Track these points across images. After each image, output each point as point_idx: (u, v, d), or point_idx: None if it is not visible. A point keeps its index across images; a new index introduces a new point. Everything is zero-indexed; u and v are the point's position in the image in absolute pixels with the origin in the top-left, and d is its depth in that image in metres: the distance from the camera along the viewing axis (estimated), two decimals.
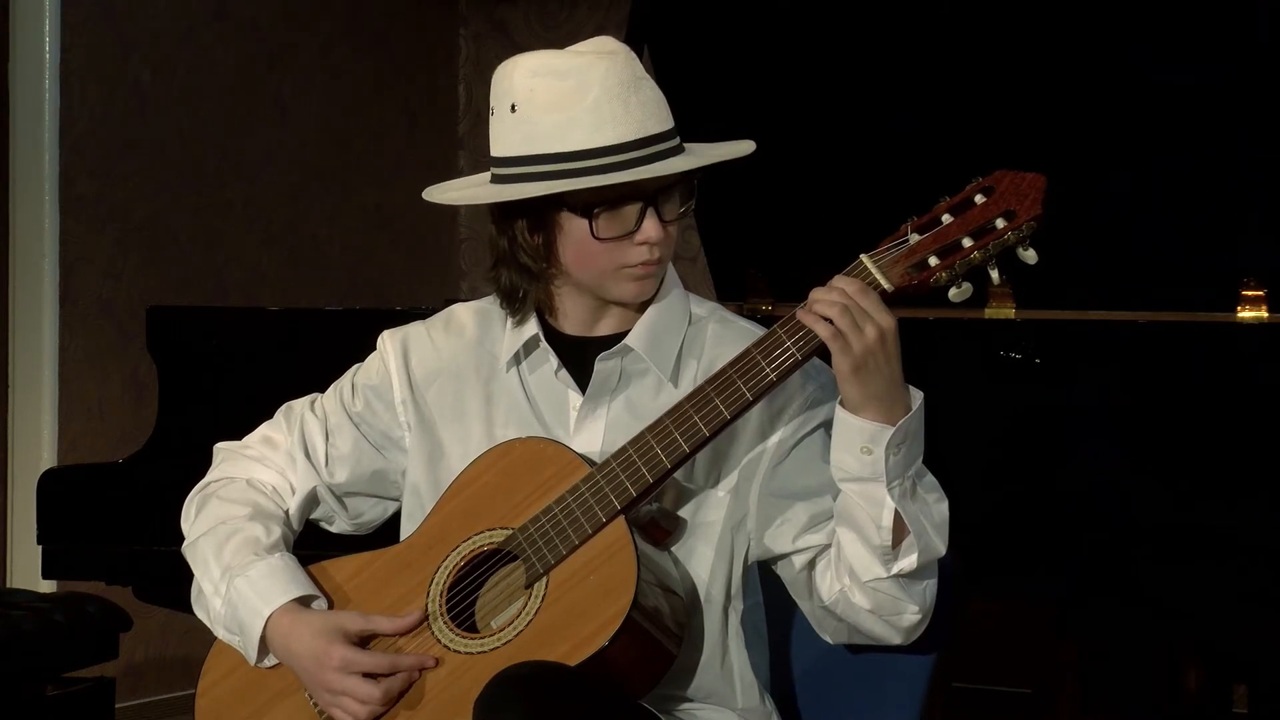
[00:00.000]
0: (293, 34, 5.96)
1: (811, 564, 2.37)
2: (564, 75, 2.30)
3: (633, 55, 2.35)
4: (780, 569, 2.42)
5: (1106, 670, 3.65)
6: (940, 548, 2.30)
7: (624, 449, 2.30)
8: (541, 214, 2.35)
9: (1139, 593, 3.24)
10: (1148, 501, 3.21)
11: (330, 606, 2.42)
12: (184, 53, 5.56)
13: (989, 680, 5.36)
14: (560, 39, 6.49)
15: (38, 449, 5.17)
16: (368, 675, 2.34)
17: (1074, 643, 3.99)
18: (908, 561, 2.28)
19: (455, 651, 2.33)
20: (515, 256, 2.38)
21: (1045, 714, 4.85)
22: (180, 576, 2.52)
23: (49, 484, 3.90)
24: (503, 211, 2.38)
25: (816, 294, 2.23)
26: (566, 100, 2.30)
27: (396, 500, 2.54)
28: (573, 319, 2.43)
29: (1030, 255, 2.22)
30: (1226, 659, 3.72)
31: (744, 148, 2.39)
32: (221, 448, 2.58)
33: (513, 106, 2.33)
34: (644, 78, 2.33)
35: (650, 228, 2.34)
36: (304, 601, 2.41)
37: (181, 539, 2.52)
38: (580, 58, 2.32)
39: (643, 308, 2.41)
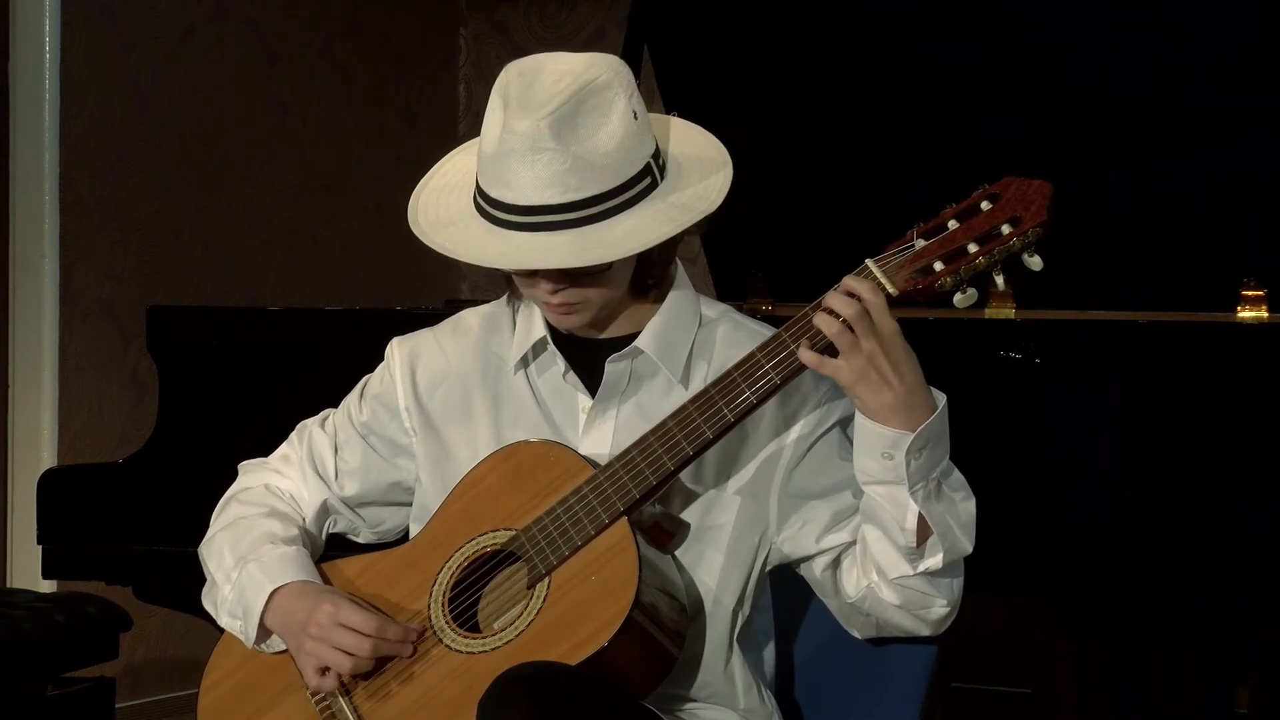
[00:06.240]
0: (293, 34, 5.97)
1: (836, 562, 2.38)
2: (502, 110, 2.27)
3: (577, 109, 2.24)
4: (804, 570, 2.43)
5: (1106, 670, 3.65)
6: (966, 546, 2.31)
7: (627, 451, 2.30)
8: None
9: (1138, 593, 3.24)
10: (1148, 501, 3.21)
11: None
12: (184, 53, 5.56)
13: (989, 680, 5.37)
14: (560, 39, 6.53)
15: (38, 449, 5.17)
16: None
17: (1073, 643, 3.99)
18: (933, 561, 2.29)
19: (457, 651, 2.33)
20: None
21: (1045, 714, 4.85)
22: (180, 576, 2.53)
23: (49, 484, 3.89)
24: None
25: (826, 302, 2.22)
26: (487, 137, 2.28)
27: None
28: None
29: (1035, 262, 2.22)
30: (1227, 659, 3.72)
31: (653, 235, 2.27)
32: (245, 464, 2.61)
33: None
34: (556, 148, 2.22)
35: (523, 284, 2.34)
36: None
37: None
38: (519, 100, 2.26)
39: (652, 310, 2.41)
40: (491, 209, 2.29)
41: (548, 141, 2.23)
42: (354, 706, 2.38)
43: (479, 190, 2.32)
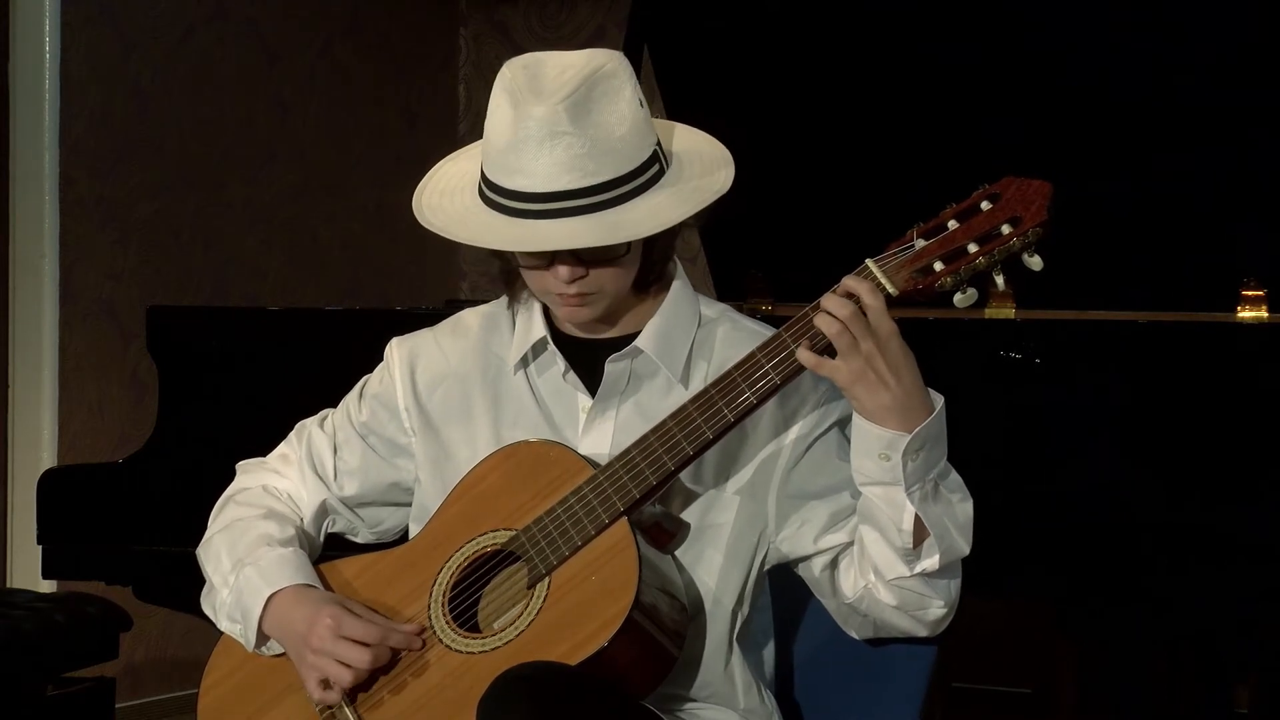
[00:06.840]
0: (293, 34, 5.96)
1: (834, 562, 2.38)
2: (511, 103, 2.28)
3: (589, 94, 2.26)
4: (802, 570, 2.43)
5: (1106, 670, 3.65)
6: (963, 547, 2.31)
7: (628, 451, 2.30)
8: None
9: (1138, 593, 3.24)
10: (1147, 502, 3.21)
11: None
12: (184, 53, 5.56)
13: (989, 680, 5.36)
14: (560, 39, 6.53)
15: (38, 449, 5.17)
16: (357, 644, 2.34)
17: (1073, 643, 3.99)
18: (930, 562, 2.29)
19: (456, 651, 2.33)
20: (495, 253, 2.40)
21: (1045, 714, 4.85)
22: (180, 576, 2.53)
23: (49, 484, 3.89)
24: None
25: (824, 303, 2.22)
26: (497, 130, 2.29)
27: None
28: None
29: (1036, 262, 2.22)
30: (1227, 659, 3.72)
31: (673, 215, 2.29)
32: (243, 464, 2.61)
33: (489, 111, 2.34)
34: (574, 131, 2.24)
35: (536, 277, 2.34)
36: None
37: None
38: (530, 89, 2.27)
39: (651, 309, 2.41)
40: (506, 200, 2.29)
41: (565, 125, 2.24)
42: (354, 707, 2.38)
43: (489, 185, 2.31)
